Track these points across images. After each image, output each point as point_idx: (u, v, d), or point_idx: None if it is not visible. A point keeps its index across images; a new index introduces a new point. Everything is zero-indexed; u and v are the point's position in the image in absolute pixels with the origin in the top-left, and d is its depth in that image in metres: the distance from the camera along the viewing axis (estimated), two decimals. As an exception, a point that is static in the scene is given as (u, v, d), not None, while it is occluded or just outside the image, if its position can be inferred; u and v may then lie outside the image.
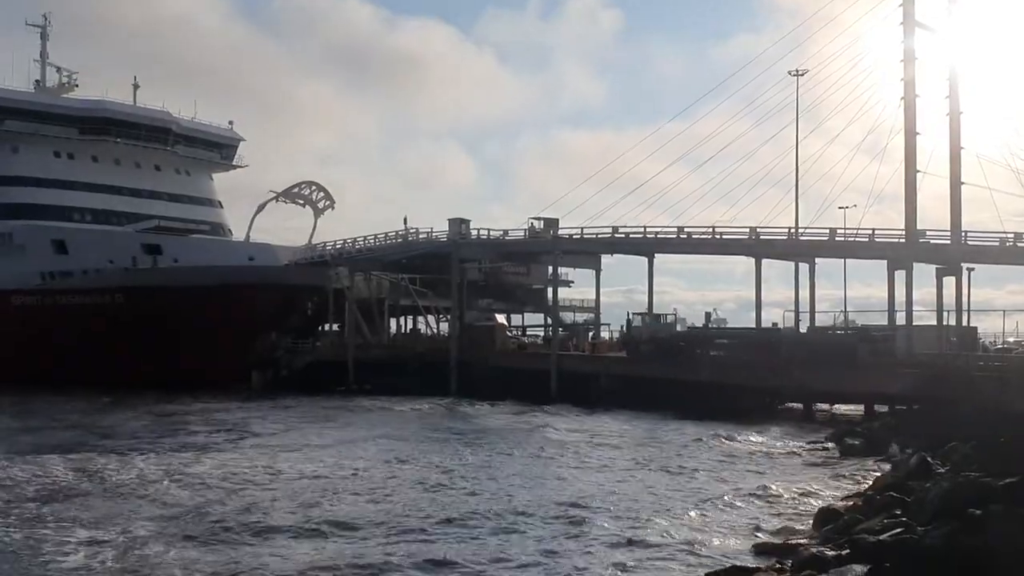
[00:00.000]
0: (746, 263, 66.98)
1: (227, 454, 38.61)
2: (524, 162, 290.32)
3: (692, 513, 26.33)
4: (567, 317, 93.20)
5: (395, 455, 37.79)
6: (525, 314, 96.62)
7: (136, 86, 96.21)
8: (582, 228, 69.58)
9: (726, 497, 28.46)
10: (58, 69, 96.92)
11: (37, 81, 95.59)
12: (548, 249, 72.28)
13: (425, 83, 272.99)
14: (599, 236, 68.52)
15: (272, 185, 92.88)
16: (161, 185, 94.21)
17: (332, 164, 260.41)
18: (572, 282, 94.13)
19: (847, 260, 71.79)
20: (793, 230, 64.29)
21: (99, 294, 78.38)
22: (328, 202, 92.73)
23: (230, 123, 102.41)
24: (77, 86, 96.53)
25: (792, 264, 67.12)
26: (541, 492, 29.84)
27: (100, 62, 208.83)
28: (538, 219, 74.81)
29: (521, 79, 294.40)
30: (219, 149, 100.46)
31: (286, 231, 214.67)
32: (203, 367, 72.17)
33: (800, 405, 54.05)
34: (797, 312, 67.81)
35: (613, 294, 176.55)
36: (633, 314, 69.32)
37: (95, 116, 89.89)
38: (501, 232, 74.45)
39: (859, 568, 16.55)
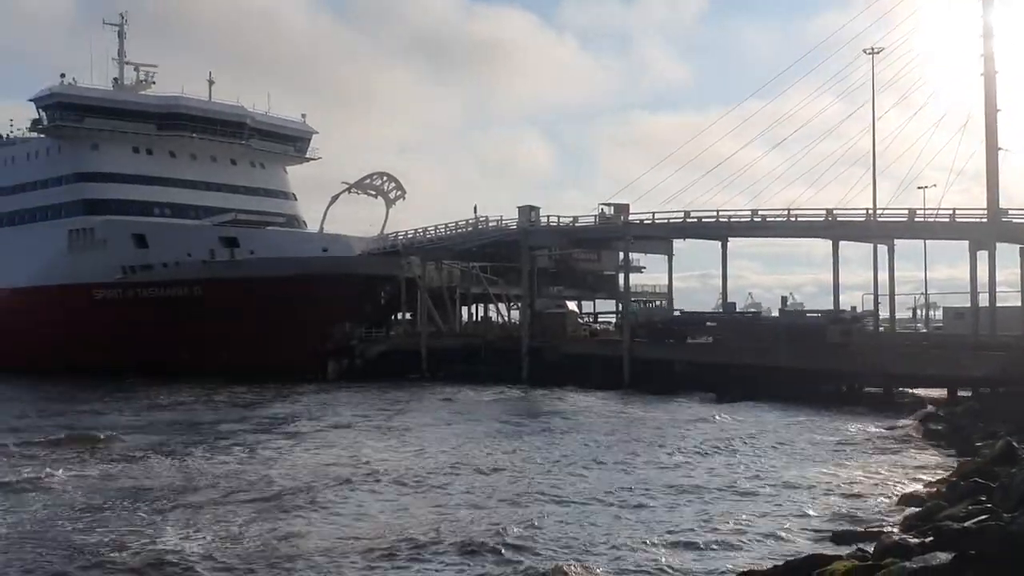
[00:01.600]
0: (825, 245, 65.80)
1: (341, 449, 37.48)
2: (603, 147, 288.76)
3: (772, 499, 26.09)
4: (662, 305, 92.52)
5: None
6: (596, 301, 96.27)
7: (211, 82, 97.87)
8: (653, 213, 69.10)
9: (806, 483, 28.15)
10: (136, 67, 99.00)
11: (115, 79, 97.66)
12: (619, 235, 71.79)
13: (505, 70, 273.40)
14: (670, 221, 67.82)
15: (349, 176, 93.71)
16: (237, 179, 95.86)
17: (409, 153, 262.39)
18: (644, 268, 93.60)
19: (928, 241, 70.02)
20: (871, 211, 62.90)
21: (178, 286, 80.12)
22: (399, 192, 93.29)
23: (303, 116, 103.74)
24: (154, 83, 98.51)
25: (871, 246, 65.73)
26: (625, 475, 29.79)
27: (177, 58, 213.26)
28: (608, 205, 74.40)
29: (602, 64, 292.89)
30: (292, 142, 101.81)
31: (359, 222, 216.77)
32: (280, 357, 73.30)
33: (880, 389, 53.00)
34: (876, 295, 66.59)
35: (688, 279, 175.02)
36: (631, 302, 77.08)
37: (172, 112, 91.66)
38: (571, 219, 74.23)
39: (943, 556, 16.10)
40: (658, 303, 73.90)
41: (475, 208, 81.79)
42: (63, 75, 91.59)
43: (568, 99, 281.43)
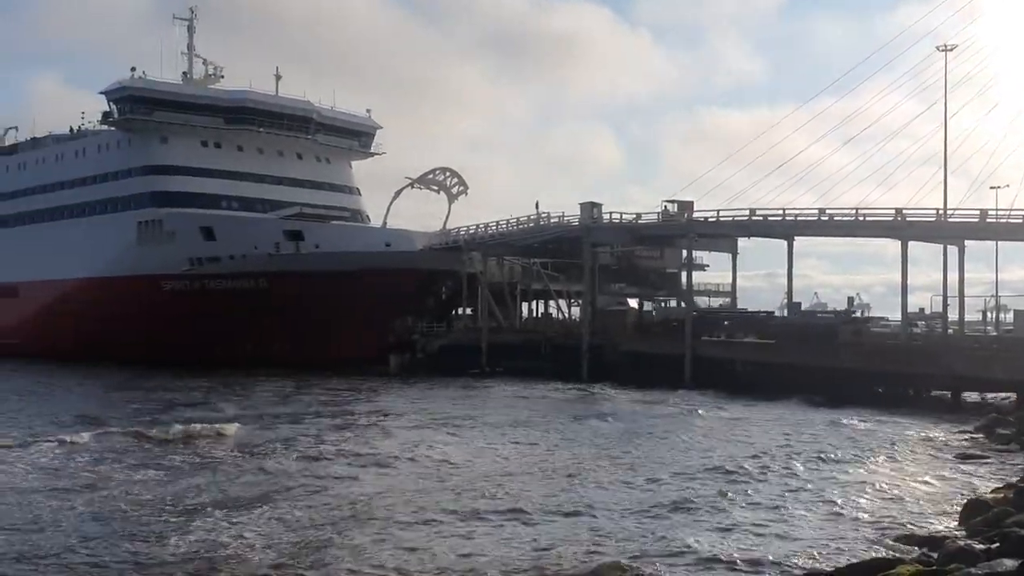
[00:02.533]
0: (894, 245, 64.39)
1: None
2: (670, 143, 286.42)
3: (834, 502, 25.65)
4: (702, 302, 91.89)
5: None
6: (658, 299, 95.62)
7: (278, 77, 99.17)
8: (718, 211, 68.34)
9: (870, 486, 27.66)
10: (204, 61, 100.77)
11: (185, 73, 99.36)
12: (682, 232, 71.22)
13: (577, 66, 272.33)
14: (735, 219, 67.04)
15: (413, 170, 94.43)
16: (302, 173, 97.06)
17: (478, 149, 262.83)
18: (707, 266, 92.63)
19: (1000, 242, 68.26)
20: (941, 211, 61.57)
21: (244, 279, 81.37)
22: (461, 188, 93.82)
23: (368, 111, 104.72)
24: (223, 77, 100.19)
25: (941, 246, 64.32)
26: (680, 470, 29.61)
27: (244, 52, 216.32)
28: (672, 202, 73.83)
29: (673, 59, 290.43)
30: (358, 137, 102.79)
31: (421, 216, 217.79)
32: (343, 349, 74.07)
33: (947, 393, 51.92)
34: (945, 297, 65.06)
35: (753, 278, 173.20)
36: (644, 300, 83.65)
37: (240, 107, 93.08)
38: (634, 216, 73.84)
39: (1010, 563, 15.73)
40: (671, 303, 75.86)
41: (536, 204, 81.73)
42: (133, 69, 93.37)
43: (637, 95, 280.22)
